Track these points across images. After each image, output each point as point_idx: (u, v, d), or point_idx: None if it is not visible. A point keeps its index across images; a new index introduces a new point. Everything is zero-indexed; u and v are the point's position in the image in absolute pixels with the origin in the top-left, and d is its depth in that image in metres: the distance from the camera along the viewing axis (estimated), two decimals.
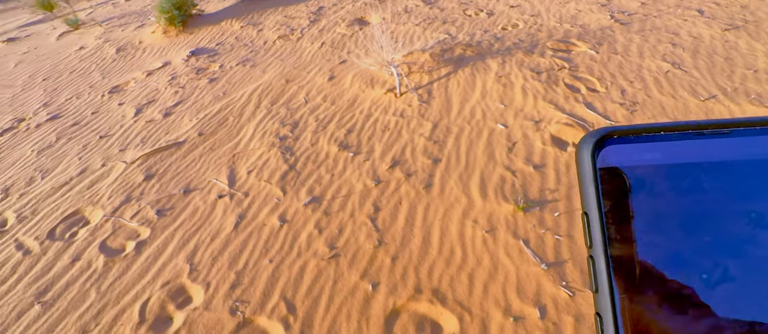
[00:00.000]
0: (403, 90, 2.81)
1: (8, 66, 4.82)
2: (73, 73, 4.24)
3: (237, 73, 3.53)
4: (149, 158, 2.59)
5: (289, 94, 3.05)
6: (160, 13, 4.49)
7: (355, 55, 3.49)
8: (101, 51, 4.61)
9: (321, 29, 4.12)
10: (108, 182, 2.47)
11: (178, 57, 4.05)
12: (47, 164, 2.80)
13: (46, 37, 5.58)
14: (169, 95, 3.37)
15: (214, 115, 2.94)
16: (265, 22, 4.56)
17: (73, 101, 3.65)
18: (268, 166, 2.34)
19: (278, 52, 3.80)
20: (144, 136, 2.88)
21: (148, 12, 5.67)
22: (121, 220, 2.15)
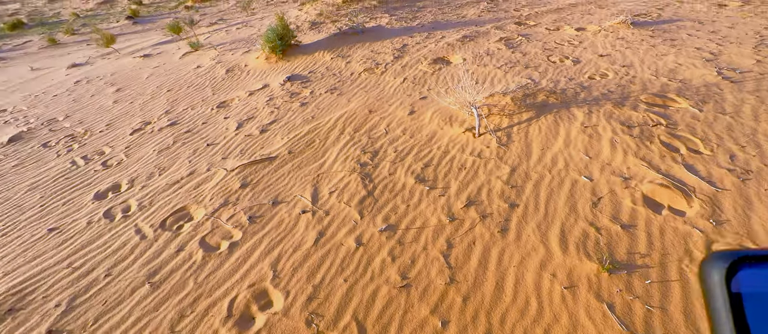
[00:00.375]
0: (482, 131, 2.85)
1: (142, 77, 5.82)
2: (190, 87, 4.98)
3: (325, 100, 3.87)
4: (246, 169, 2.93)
5: (371, 124, 3.26)
6: (266, 42, 5.12)
7: (436, 92, 3.63)
8: (214, 70, 5.37)
9: (404, 65, 4.37)
10: (210, 185, 2.83)
11: (275, 81, 4.56)
12: (164, 163, 3.30)
13: (172, 56, 6.66)
14: (266, 114, 3.79)
15: (303, 136, 3.24)
16: (353, 55, 4.96)
17: (189, 111, 4.27)
18: (348, 189, 2.51)
19: (363, 84, 4.10)
20: (243, 148, 3.26)
21: (254, 40, 6.50)
22: (218, 220, 2.45)
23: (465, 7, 6.85)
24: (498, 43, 4.62)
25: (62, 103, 5.35)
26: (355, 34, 5.66)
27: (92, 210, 2.81)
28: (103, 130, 4.23)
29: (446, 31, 5.47)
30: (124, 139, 3.91)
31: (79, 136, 4.18)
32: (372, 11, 6.97)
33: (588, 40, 4.42)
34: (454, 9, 6.84)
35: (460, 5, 7.07)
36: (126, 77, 5.95)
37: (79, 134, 4.24)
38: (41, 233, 2.66)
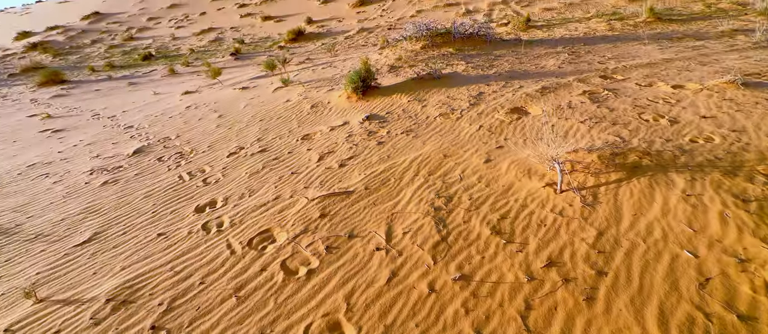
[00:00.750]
0: (565, 187, 2.73)
1: (240, 106, 6.63)
2: (279, 118, 5.54)
3: (401, 141, 4.04)
4: (325, 200, 3.13)
5: (446, 169, 3.30)
6: (348, 82, 5.56)
7: (513, 142, 3.59)
8: (300, 105, 5.93)
9: (480, 113, 4.42)
10: (293, 211, 3.07)
11: (355, 119, 4.88)
12: (254, 186, 3.66)
13: (266, 89, 7.52)
14: (345, 149, 4.05)
15: (378, 174, 3.39)
16: (429, 99, 5.14)
17: (277, 140, 4.73)
18: (421, 231, 2.54)
19: (438, 128, 4.21)
20: (322, 180, 3.50)
21: (337, 80, 7.09)
22: (298, 246, 2.62)
23: (544, 58, 6.79)
24: (581, 97, 4.47)
25: (175, 124, 6.27)
26: (432, 79, 5.89)
27: (192, 221, 3.20)
28: (205, 151, 4.84)
29: (524, 80, 5.44)
30: (221, 161, 4.43)
31: (186, 154, 4.83)
32: (448, 58, 7.22)
33: (687, 99, 4.08)
34: (532, 59, 6.81)
35: (539, 56, 7.02)
36: (227, 106, 6.81)
37: (186, 152, 4.91)
38: (151, 237, 3.08)
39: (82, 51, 18.82)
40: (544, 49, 7.44)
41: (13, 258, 3.06)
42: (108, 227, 3.34)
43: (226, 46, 15.79)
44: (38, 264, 2.92)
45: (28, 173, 5.08)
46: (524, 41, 8.31)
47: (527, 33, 9.46)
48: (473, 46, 8.00)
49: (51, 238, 3.29)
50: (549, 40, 8.30)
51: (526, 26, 10.15)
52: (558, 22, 10.46)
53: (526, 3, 13.92)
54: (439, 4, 15.97)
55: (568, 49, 7.26)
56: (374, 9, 17.45)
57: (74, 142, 6.25)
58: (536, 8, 12.70)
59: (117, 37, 20.68)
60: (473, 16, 13.11)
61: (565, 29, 9.41)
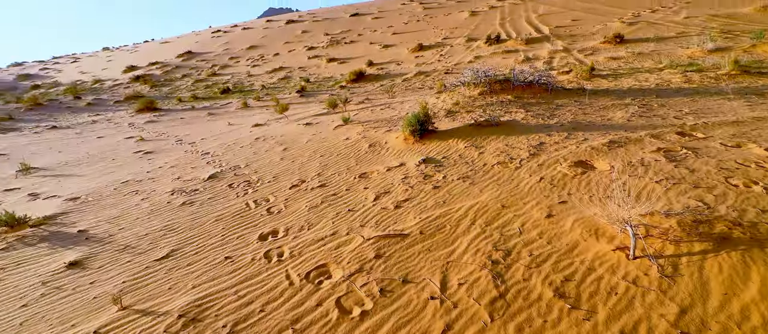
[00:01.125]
0: (639, 254, 2.53)
1: (302, 141, 7.10)
2: (338, 155, 5.83)
3: (457, 187, 4.04)
4: (380, 240, 3.19)
5: (504, 220, 3.23)
6: (406, 124, 5.75)
7: (578, 198, 3.43)
8: (359, 144, 6.21)
9: (540, 164, 4.30)
10: (349, 248, 3.16)
11: (411, 161, 5.00)
12: (312, 219, 3.84)
13: (327, 126, 8.01)
14: (401, 191, 4.14)
15: (434, 219, 3.40)
16: (487, 146, 5.13)
17: (335, 176, 4.97)
18: (478, 285, 2.48)
19: (496, 176, 4.16)
20: (378, 220, 3.59)
21: (395, 121, 7.36)
22: (353, 285, 2.68)
23: (610, 109, 6.50)
24: (655, 154, 4.18)
25: (245, 154, 6.86)
26: (490, 126, 5.89)
27: (256, 249, 3.42)
28: (270, 181, 5.21)
29: (589, 132, 5.23)
30: (284, 192, 4.73)
31: (253, 183, 5.24)
32: (507, 105, 7.20)
33: None
34: (597, 110, 6.55)
35: (605, 107, 6.74)
36: (291, 140, 7.33)
37: (253, 181, 5.32)
38: (219, 259, 3.33)
39: (173, 83, 21.60)
40: (611, 100, 7.13)
41: (105, 265, 3.47)
42: (183, 245, 3.67)
43: (293, 84, 17.18)
44: (124, 273, 3.28)
45: (121, 188, 5.82)
46: (588, 91, 8.05)
47: (591, 82, 9.17)
48: (533, 95, 7.91)
49: (136, 250, 3.69)
50: (616, 91, 7.96)
51: (590, 75, 9.85)
52: (625, 72, 10.03)
53: (589, 51, 13.60)
54: (498, 50, 16.15)
55: (638, 101, 6.89)
56: (432, 54, 18.10)
57: (160, 164, 7.07)
58: (601, 57, 12.34)
59: (202, 72, 23.50)
60: (533, 63, 13.03)
61: (634, 80, 8.98)
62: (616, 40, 14.07)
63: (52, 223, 4.65)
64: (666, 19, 16.59)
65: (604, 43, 14.13)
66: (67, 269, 3.46)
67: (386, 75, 15.77)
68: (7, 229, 4.43)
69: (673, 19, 16.32)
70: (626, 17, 18.37)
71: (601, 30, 16.55)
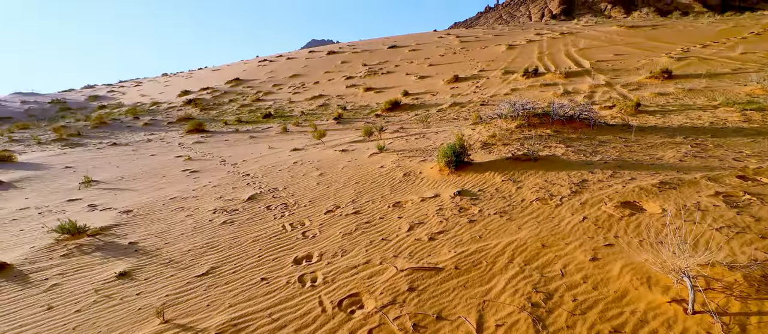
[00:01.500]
0: (699, 308, 2.31)
1: (338, 167, 7.27)
2: (373, 183, 5.90)
3: (494, 222, 3.93)
4: (414, 273, 3.15)
5: (544, 260, 3.09)
6: (442, 155, 5.75)
7: (626, 242, 3.22)
8: (393, 172, 6.27)
9: (583, 202, 4.11)
10: (382, 279, 3.13)
11: (446, 192, 4.96)
12: (346, 246, 3.87)
13: (362, 153, 8.17)
14: (435, 223, 4.09)
15: (469, 254, 3.32)
16: (525, 181, 4.99)
17: (369, 204, 5.01)
18: (517, 328, 2.36)
19: (535, 213, 4.02)
20: (412, 251, 3.55)
21: (429, 151, 7.39)
22: (386, 317, 2.64)
23: (659, 148, 6.15)
24: (713, 199, 3.88)
25: (283, 177, 7.11)
26: (528, 160, 5.75)
27: (290, 272, 3.47)
28: (306, 205, 5.34)
29: (636, 172, 4.96)
30: (319, 217, 4.82)
31: (290, 206, 5.39)
32: (546, 140, 7.03)
33: None
34: (644, 148, 6.23)
35: (653, 145, 6.40)
36: (327, 165, 7.53)
37: (290, 204, 5.48)
38: (255, 280, 3.41)
39: (221, 107, 23.10)
40: (660, 138, 6.77)
41: (151, 277, 3.66)
42: (222, 263, 3.81)
43: (331, 111, 17.81)
44: (168, 287, 3.43)
45: (169, 204, 6.18)
46: (634, 127, 7.70)
47: (637, 118, 8.78)
48: (573, 130, 7.68)
49: (179, 265, 3.87)
50: (665, 128, 7.56)
51: (635, 111, 9.45)
52: (675, 108, 9.54)
53: (634, 86, 13.12)
54: (535, 83, 15.97)
55: (691, 140, 6.49)
56: (467, 85, 18.20)
57: (204, 183, 7.48)
58: (647, 92, 11.84)
59: (247, 98, 25.01)
60: (572, 97, 12.74)
61: (685, 117, 8.50)
62: (664, 75, 13.49)
63: (106, 233, 5.01)
64: (719, 55, 15.76)
65: (650, 79, 13.59)
66: (117, 278, 3.68)
67: (421, 105, 15.98)
68: (69, 236, 4.82)
69: (728, 55, 15.47)
70: (674, 52, 17.66)
71: (647, 65, 15.96)
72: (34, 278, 3.82)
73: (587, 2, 64.62)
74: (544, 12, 66.91)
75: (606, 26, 31.02)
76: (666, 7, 54.77)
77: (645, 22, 32.65)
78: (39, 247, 4.60)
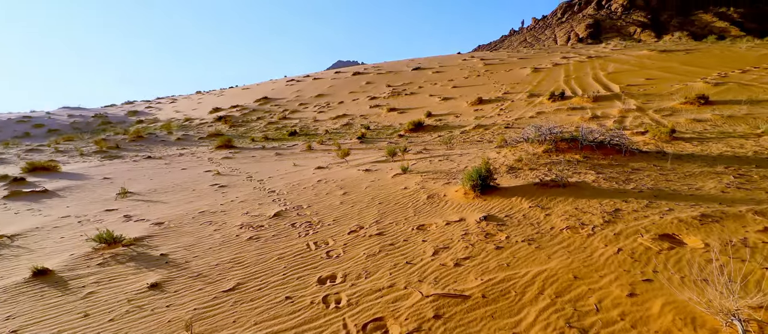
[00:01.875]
0: None
1: (362, 186, 7.32)
2: (396, 204, 5.90)
3: (522, 250, 3.83)
4: (439, 299, 3.08)
5: (577, 293, 2.96)
6: (467, 178, 5.70)
7: (666, 278, 3.05)
8: (417, 194, 6.24)
9: (617, 233, 3.94)
10: (407, 304, 3.09)
11: (471, 217, 4.88)
12: (370, 268, 3.85)
13: (386, 173, 8.21)
14: (461, 248, 4.02)
15: (497, 283, 3.23)
16: (554, 208, 4.85)
17: (393, 226, 4.99)
18: None
19: (565, 243, 3.88)
20: (437, 276, 3.49)
21: (454, 173, 7.34)
22: None
23: (698, 178, 5.86)
24: (762, 235, 3.63)
25: (307, 195, 7.22)
26: (557, 186, 5.61)
27: (314, 292, 3.48)
28: (330, 224, 5.38)
29: (674, 202, 4.73)
30: (343, 236, 4.84)
31: (314, 224, 5.45)
32: (575, 165, 6.84)
33: None
34: (681, 177, 5.95)
35: (691, 174, 6.10)
36: (351, 184, 7.59)
37: (314, 222, 5.53)
38: (280, 298, 3.43)
39: (249, 124, 23.93)
40: (698, 167, 6.45)
41: (180, 290, 3.75)
42: (248, 279, 3.87)
43: (354, 131, 18.09)
44: (196, 301, 3.51)
45: (198, 218, 6.38)
46: (670, 155, 7.38)
47: (672, 145, 8.43)
48: (604, 156, 7.45)
49: (207, 279, 3.96)
50: (703, 157, 7.21)
51: (670, 137, 9.09)
52: (714, 136, 9.11)
53: (667, 112, 12.66)
54: (562, 107, 15.70)
55: (733, 170, 6.15)
56: (491, 108, 18.10)
57: (232, 198, 7.69)
58: (682, 118, 11.40)
59: (275, 116, 25.82)
60: (601, 122, 12.41)
61: (726, 145, 8.09)
62: (700, 101, 12.97)
63: (139, 244, 5.20)
64: (761, 81, 15.04)
65: (685, 104, 13.08)
66: (149, 289, 3.80)
67: (444, 126, 15.99)
68: (105, 246, 5.04)
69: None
70: (711, 77, 17.00)
71: (681, 90, 15.41)
72: (73, 285, 3.99)
73: (615, 26, 63.67)
74: (570, 35, 66.34)
75: (636, 50, 30.34)
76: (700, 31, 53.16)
77: (678, 46, 31.72)
78: (78, 254, 4.83)
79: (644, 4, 67.31)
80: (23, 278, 4.19)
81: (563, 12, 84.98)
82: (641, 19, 61.95)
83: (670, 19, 60.43)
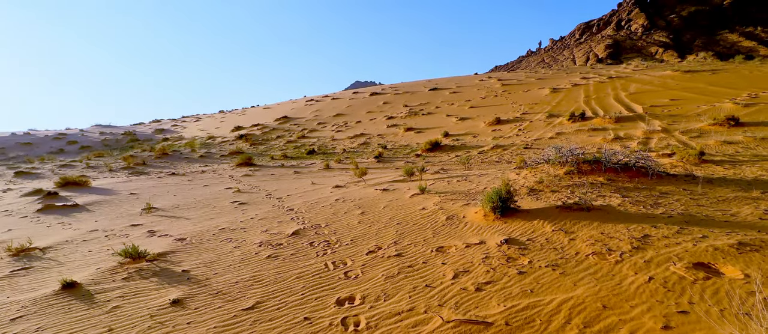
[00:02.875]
0: None
1: (379, 206, 7.31)
2: (415, 225, 5.85)
3: (545, 275, 3.70)
4: (460, 325, 3.00)
5: (607, 324, 2.82)
6: (487, 200, 5.61)
7: (703, 310, 2.88)
8: (435, 215, 6.18)
9: (647, 260, 3.77)
10: (427, 329, 3.01)
11: (492, 240, 4.78)
12: (389, 290, 3.80)
13: (403, 193, 8.19)
14: (482, 272, 3.93)
15: (521, 310, 3.12)
16: (578, 233, 4.71)
17: (412, 247, 4.94)
18: None
19: (591, 270, 3.74)
20: (457, 301, 3.40)
21: (473, 194, 7.25)
22: None
23: (733, 203, 5.59)
24: None
25: (325, 214, 7.25)
26: (580, 210, 5.45)
27: (333, 313, 3.45)
28: (348, 244, 5.37)
29: (708, 229, 4.51)
30: (361, 257, 4.81)
31: (332, 244, 5.45)
32: (599, 188, 6.65)
33: None
34: (714, 202, 5.68)
35: (724, 199, 5.83)
36: (368, 204, 7.60)
37: (332, 242, 5.53)
38: (299, 318, 3.41)
39: (269, 143, 24.49)
40: (732, 192, 6.16)
41: (200, 307, 3.78)
42: (267, 298, 3.87)
43: (371, 150, 18.23)
44: (215, 318, 3.53)
45: (218, 234, 6.49)
46: (701, 178, 7.09)
47: (702, 168, 8.11)
48: (629, 179, 7.23)
49: (226, 297, 3.98)
50: (737, 181, 6.89)
51: (699, 160, 8.76)
52: (746, 159, 8.72)
53: (695, 133, 12.25)
54: (582, 128, 15.43)
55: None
56: (510, 128, 17.96)
57: (251, 215, 7.80)
58: (711, 140, 10.99)
59: (294, 135, 26.36)
60: (625, 143, 12.10)
61: (760, 169, 7.73)
62: (730, 122, 12.52)
63: (162, 259, 5.31)
64: None
65: (714, 126, 12.64)
66: (171, 305, 3.85)
67: (462, 146, 15.92)
68: (130, 260, 5.17)
69: None
70: (740, 98, 16.43)
71: (709, 111, 14.93)
72: (99, 299, 4.09)
73: (635, 46, 62.83)
74: (589, 56, 65.77)
75: (658, 71, 29.75)
76: (726, 50, 51.79)
77: (703, 66, 30.94)
78: (104, 268, 4.97)
79: (666, 25, 66.36)
80: (52, 290, 4.32)
81: (581, 32, 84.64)
82: (663, 40, 60.98)
83: (693, 38, 59.24)
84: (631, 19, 72.72)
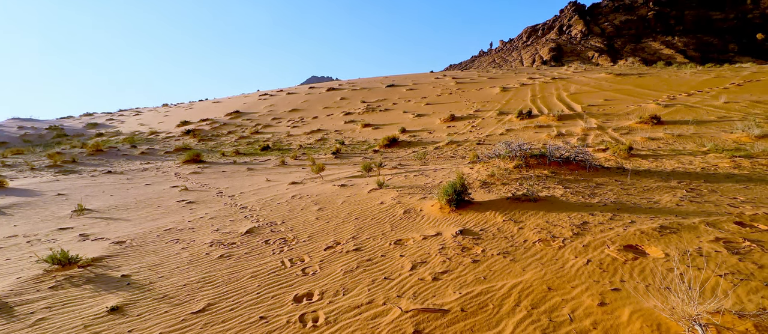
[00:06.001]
0: None
1: (337, 202, 7.24)
2: (373, 219, 5.87)
3: (497, 263, 3.90)
4: (419, 314, 3.07)
5: (551, 304, 3.04)
6: (442, 193, 5.78)
7: (632, 286, 3.20)
8: (393, 209, 6.25)
9: (585, 245, 4.12)
10: (386, 320, 3.05)
11: (448, 231, 4.94)
12: (348, 284, 3.78)
13: (362, 189, 8.18)
14: (438, 262, 4.04)
15: (475, 296, 3.26)
16: (526, 222, 5.01)
17: (370, 241, 4.96)
18: None
19: (538, 255, 4.00)
20: (415, 291, 3.48)
21: (429, 188, 7.43)
22: None
23: (655, 192, 6.26)
24: (714, 244, 3.91)
25: (281, 211, 7.04)
26: (528, 201, 5.80)
27: (291, 311, 3.37)
28: (305, 240, 5.26)
29: (636, 215, 5.02)
30: (319, 253, 4.74)
31: (289, 241, 5.31)
32: (544, 180, 7.13)
33: None
34: (640, 192, 6.33)
35: (649, 188, 6.51)
36: (326, 200, 7.50)
37: (289, 239, 5.39)
38: (254, 318, 3.29)
39: (219, 139, 23.23)
40: (655, 182, 6.90)
41: (143, 314, 3.51)
42: (219, 300, 3.69)
43: (329, 146, 17.99)
44: (161, 324, 3.29)
45: (164, 236, 6.05)
46: (630, 171, 7.86)
47: (630, 162, 8.99)
48: (570, 171, 7.82)
49: (174, 301, 3.73)
50: (659, 172, 7.73)
51: (628, 154, 9.70)
52: (666, 153, 9.81)
53: (625, 131, 13.53)
54: (529, 125, 16.41)
55: (685, 185, 6.63)
56: (464, 125, 18.63)
57: (201, 214, 7.37)
58: (638, 137, 12.21)
59: (246, 130, 25.23)
60: (566, 139, 13.06)
61: (677, 162, 8.73)
62: (653, 121, 13.98)
63: (97, 265, 4.85)
64: (704, 103, 16.45)
65: (640, 124, 14.05)
66: (108, 313, 3.53)
67: (418, 142, 16.24)
68: (59, 267, 4.65)
69: (712, 104, 16.15)
70: (661, 99, 18.40)
71: (636, 111, 16.57)
72: (19, 311, 3.64)
73: (575, 50, 68.00)
74: (535, 58, 70.11)
75: (594, 73, 32.45)
76: (650, 57, 57.80)
77: (631, 70, 34.26)
78: (26, 277, 4.43)
79: (601, 32, 72.48)
80: None
81: (528, 36, 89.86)
82: (598, 45, 66.62)
83: (623, 45, 65.37)
84: (572, 25, 78.55)
